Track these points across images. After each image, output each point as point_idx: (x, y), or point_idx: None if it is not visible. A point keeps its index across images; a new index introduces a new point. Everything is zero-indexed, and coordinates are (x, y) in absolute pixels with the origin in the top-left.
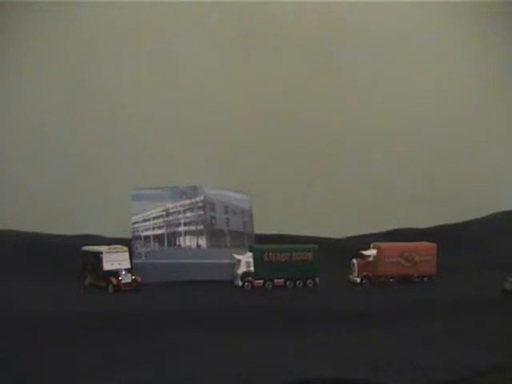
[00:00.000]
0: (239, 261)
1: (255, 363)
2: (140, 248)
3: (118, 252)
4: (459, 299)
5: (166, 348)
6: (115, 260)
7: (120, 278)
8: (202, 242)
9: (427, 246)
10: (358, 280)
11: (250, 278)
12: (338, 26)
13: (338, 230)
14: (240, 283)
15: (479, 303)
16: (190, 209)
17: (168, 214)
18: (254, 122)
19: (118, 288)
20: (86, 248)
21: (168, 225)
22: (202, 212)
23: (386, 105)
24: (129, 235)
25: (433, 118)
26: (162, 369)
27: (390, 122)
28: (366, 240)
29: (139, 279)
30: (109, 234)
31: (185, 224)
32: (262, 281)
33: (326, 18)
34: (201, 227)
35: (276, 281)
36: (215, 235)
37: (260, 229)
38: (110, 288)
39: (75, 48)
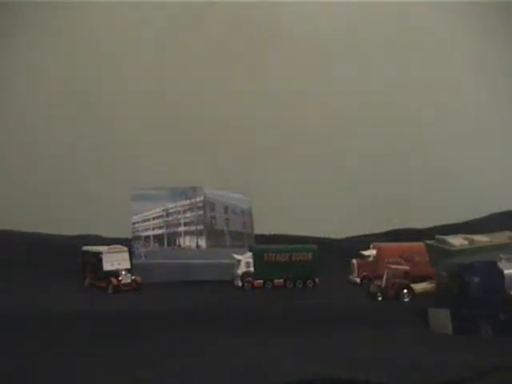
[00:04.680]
0: (239, 261)
1: (255, 363)
2: (140, 248)
3: (117, 252)
4: None
5: (166, 348)
6: (115, 260)
7: (120, 278)
8: (202, 242)
9: None
10: (358, 280)
11: (250, 278)
12: (339, 27)
13: (338, 230)
14: (240, 283)
15: None
16: (190, 209)
17: (168, 214)
18: (253, 121)
19: (118, 288)
20: (85, 248)
21: (168, 225)
22: (201, 212)
23: (386, 105)
24: (129, 235)
25: (432, 118)
26: (161, 369)
27: (389, 121)
28: (365, 240)
29: (139, 279)
30: (109, 234)
31: (185, 224)
32: (261, 281)
33: (327, 18)
34: (201, 227)
35: (276, 281)
36: (215, 235)
37: (260, 229)
38: (110, 288)
39: (75, 48)
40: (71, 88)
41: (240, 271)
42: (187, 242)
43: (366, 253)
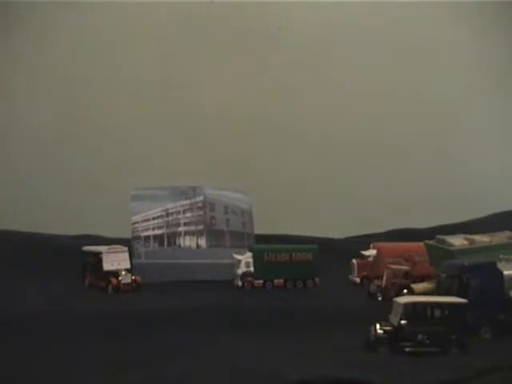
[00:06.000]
0: (239, 261)
1: (255, 363)
2: (140, 248)
3: (117, 252)
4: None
5: (166, 348)
6: (115, 260)
7: (120, 278)
8: (202, 242)
9: None
10: (358, 280)
11: (250, 278)
12: (339, 27)
13: (338, 230)
14: (240, 283)
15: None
16: (190, 209)
17: (168, 214)
18: (254, 122)
19: (118, 288)
20: (86, 248)
21: (168, 225)
22: (201, 212)
23: (387, 105)
24: (129, 235)
25: (433, 119)
26: (161, 368)
27: (390, 122)
28: (365, 240)
29: (139, 279)
30: (109, 234)
31: (185, 224)
32: (261, 281)
33: (327, 19)
34: (201, 227)
35: (276, 281)
36: (215, 235)
37: (260, 229)
38: (110, 288)
39: (77, 50)
40: (71, 88)
41: (240, 271)
42: (187, 242)
43: (366, 253)
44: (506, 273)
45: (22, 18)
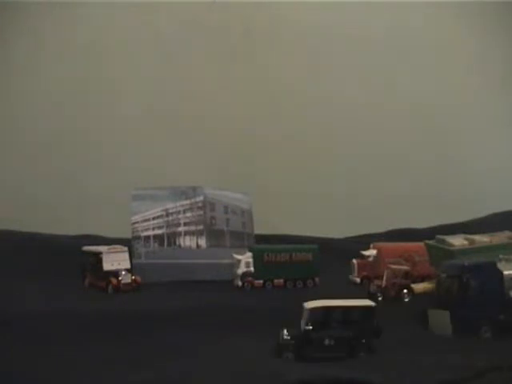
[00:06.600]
0: (239, 261)
1: (255, 363)
2: (140, 248)
3: (117, 252)
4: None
5: (166, 348)
6: (115, 260)
7: (120, 278)
8: (202, 242)
9: None
10: (358, 280)
11: (250, 278)
12: (339, 27)
13: (338, 230)
14: (240, 283)
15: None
16: (190, 209)
17: (168, 214)
18: (254, 123)
19: (118, 288)
20: (86, 248)
21: (168, 225)
22: (201, 212)
23: (387, 106)
24: (129, 235)
25: (433, 119)
26: (161, 368)
27: (390, 123)
28: (366, 240)
29: (139, 279)
30: (109, 233)
31: (185, 224)
32: (261, 281)
33: (326, 19)
34: (201, 227)
35: (276, 281)
36: (215, 235)
37: (260, 229)
38: (110, 288)
39: (76, 49)
40: (71, 88)
41: (240, 271)
42: (187, 242)
43: (366, 253)
44: (505, 273)
45: (17, 18)
